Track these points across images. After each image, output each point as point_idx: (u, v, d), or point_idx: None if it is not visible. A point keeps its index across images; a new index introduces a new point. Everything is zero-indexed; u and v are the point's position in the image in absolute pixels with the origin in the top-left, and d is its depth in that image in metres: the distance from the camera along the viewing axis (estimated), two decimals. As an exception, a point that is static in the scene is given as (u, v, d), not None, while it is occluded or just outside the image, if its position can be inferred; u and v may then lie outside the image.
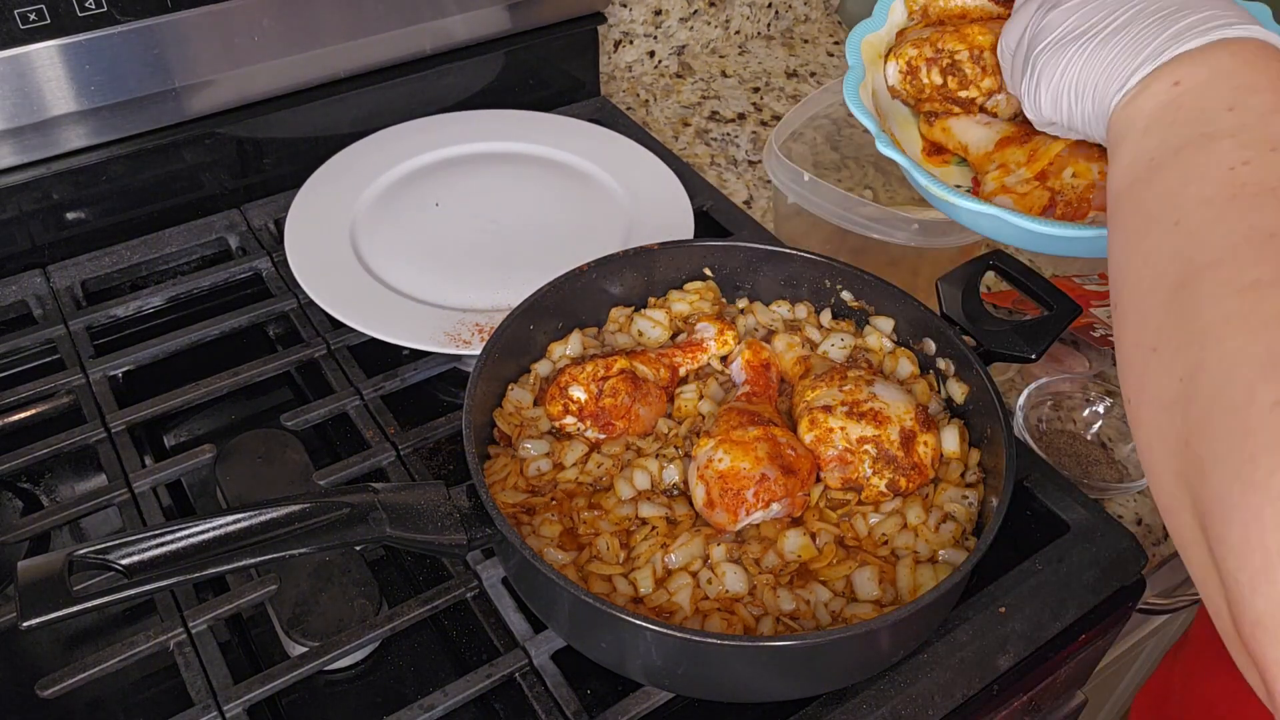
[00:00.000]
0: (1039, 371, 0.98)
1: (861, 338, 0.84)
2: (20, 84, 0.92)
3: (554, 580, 0.62)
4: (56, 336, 0.94)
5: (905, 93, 0.75)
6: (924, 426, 0.74)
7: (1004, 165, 0.73)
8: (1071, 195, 0.70)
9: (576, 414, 0.76)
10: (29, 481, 0.89)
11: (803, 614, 0.67)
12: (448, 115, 1.16)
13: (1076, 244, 0.65)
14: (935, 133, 0.77)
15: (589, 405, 0.76)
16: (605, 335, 0.86)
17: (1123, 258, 0.50)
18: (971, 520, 0.73)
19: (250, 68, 1.03)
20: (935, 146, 0.79)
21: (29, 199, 1.00)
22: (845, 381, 0.76)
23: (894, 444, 0.72)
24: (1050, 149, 0.71)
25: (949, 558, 0.70)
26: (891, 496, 0.73)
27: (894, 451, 0.72)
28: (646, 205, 1.06)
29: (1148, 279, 0.47)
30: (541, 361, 0.82)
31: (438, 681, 0.71)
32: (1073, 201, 0.70)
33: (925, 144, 0.79)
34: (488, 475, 0.75)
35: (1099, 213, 0.68)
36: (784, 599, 0.67)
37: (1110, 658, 1.16)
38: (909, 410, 0.74)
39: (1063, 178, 0.70)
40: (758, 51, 1.51)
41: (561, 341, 0.83)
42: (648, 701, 0.69)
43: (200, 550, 0.59)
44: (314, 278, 0.95)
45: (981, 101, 0.74)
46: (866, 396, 0.74)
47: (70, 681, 0.67)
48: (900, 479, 0.72)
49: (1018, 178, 0.72)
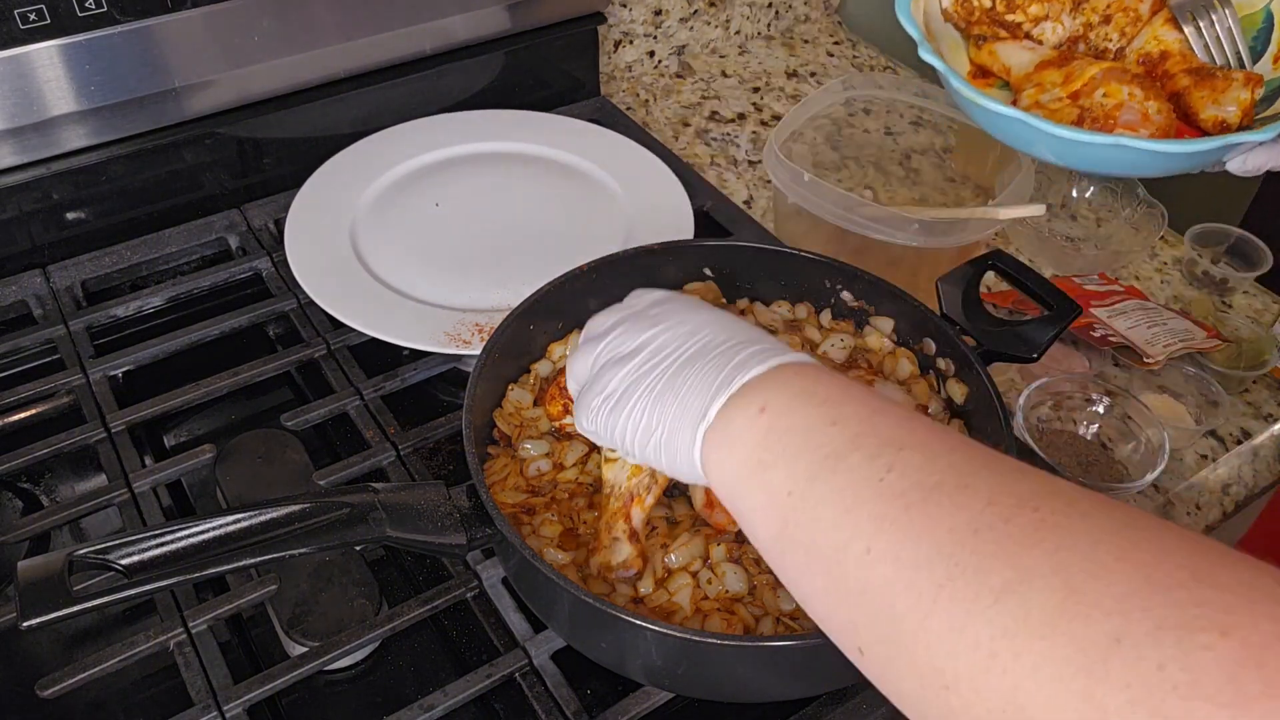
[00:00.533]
0: (1039, 371, 0.98)
1: (861, 338, 0.84)
2: (20, 84, 0.92)
3: (554, 580, 0.62)
4: (56, 336, 0.94)
5: (957, 15, 0.86)
6: None
7: (1040, 85, 0.81)
8: (1100, 112, 0.77)
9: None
10: (29, 481, 0.89)
11: (803, 614, 0.67)
12: (448, 115, 1.16)
13: (1098, 149, 0.72)
14: (983, 56, 0.87)
15: None
16: None
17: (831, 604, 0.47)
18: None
19: (250, 68, 1.03)
20: (981, 70, 0.87)
21: (29, 199, 1.00)
22: None
23: None
24: (1086, 72, 0.79)
25: (949, 558, 0.70)
26: None
27: None
28: (646, 205, 1.06)
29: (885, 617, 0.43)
30: (541, 362, 0.82)
31: (438, 681, 0.71)
32: (1099, 118, 0.77)
33: (972, 67, 0.87)
34: (488, 475, 0.75)
35: (1124, 129, 0.76)
36: (784, 599, 0.67)
37: (1110, 658, 1.16)
38: None
39: (1094, 97, 0.78)
40: (758, 51, 1.51)
41: (561, 341, 0.83)
42: (648, 701, 0.69)
43: (200, 550, 0.59)
44: (314, 278, 0.95)
45: (1028, 28, 0.83)
46: None
47: (70, 681, 0.67)
48: None
49: (1052, 95, 0.80)
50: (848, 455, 0.47)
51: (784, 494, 0.49)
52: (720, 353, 0.56)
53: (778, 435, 0.50)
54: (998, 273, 0.82)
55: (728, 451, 0.52)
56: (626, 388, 0.58)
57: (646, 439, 0.57)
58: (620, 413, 0.58)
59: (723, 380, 0.54)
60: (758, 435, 0.51)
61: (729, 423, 0.53)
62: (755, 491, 0.51)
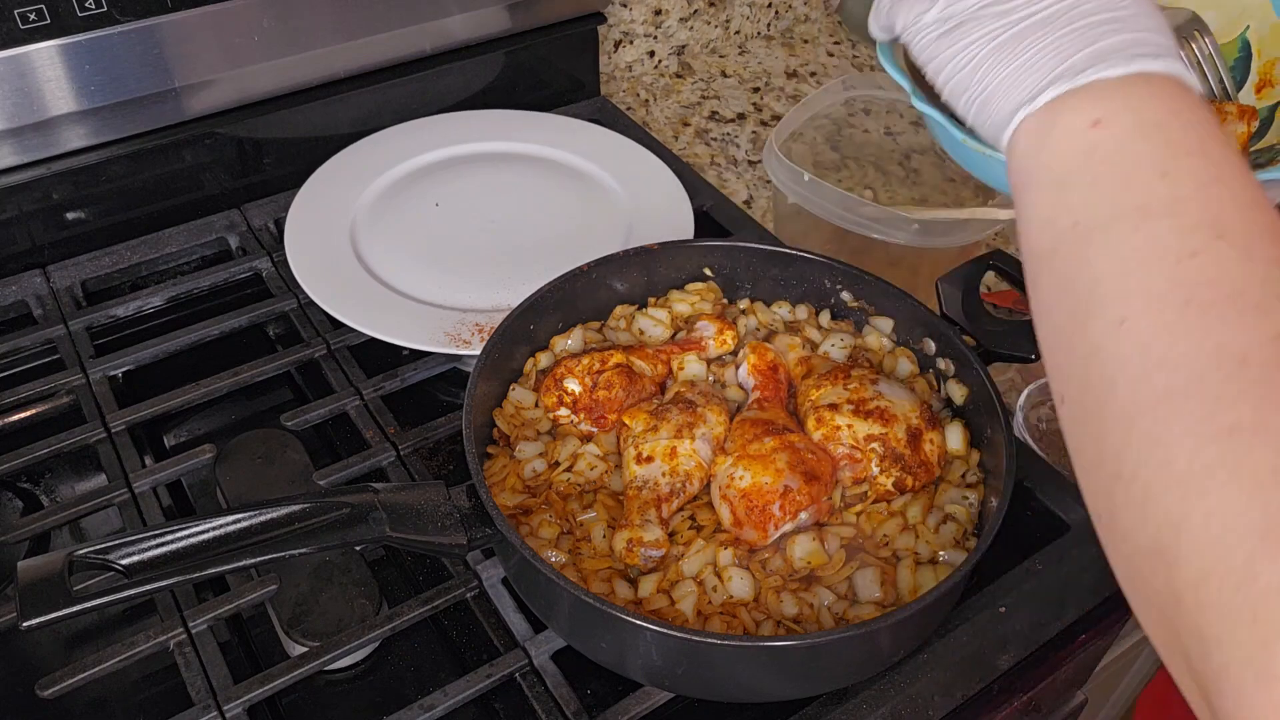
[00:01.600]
0: (1039, 371, 0.98)
1: (861, 338, 0.84)
2: (20, 84, 0.92)
3: (554, 580, 0.62)
4: (56, 336, 0.94)
5: None
6: (930, 424, 0.74)
7: None
8: None
9: (570, 406, 0.77)
10: (29, 481, 0.89)
11: (806, 617, 0.67)
12: (448, 115, 1.16)
13: None
14: None
15: (583, 398, 0.76)
16: (608, 331, 0.86)
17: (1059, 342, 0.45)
18: (972, 521, 0.73)
19: (250, 68, 1.03)
20: None
21: (29, 199, 1.00)
22: (850, 380, 0.76)
23: (901, 442, 0.72)
24: None
25: (949, 559, 0.70)
26: (899, 494, 0.73)
27: (901, 450, 0.72)
28: (646, 205, 1.06)
29: (1098, 386, 0.42)
30: (545, 353, 0.83)
31: (438, 681, 0.71)
32: None
33: None
34: (487, 476, 0.75)
35: None
36: (787, 604, 0.67)
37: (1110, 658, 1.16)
38: (914, 408, 0.74)
39: None
40: (758, 51, 1.51)
41: (564, 334, 0.83)
42: (648, 701, 0.69)
43: (200, 550, 0.59)
44: (314, 278, 0.95)
45: None
46: (872, 395, 0.74)
47: (70, 681, 0.67)
48: (907, 477, 0.72)
49: None
50: (1159, 218, 0.41)
51: (1070, 222, 0.44)
52: (1085, 26, 0.46)
53: (1098, 160, 0.44)
54: (998, 273, 0.82)
55: (1037, 148, 0.46)
56: (968, 19, 0.49)
57: (961, 91, 0.50)
58: (949, 44, 0.50)
59: (1070, 66, 0.45)
60: (1077, 149, 0.44)
61: (1053, 121, 0.46)
62: (1043, 203, 0.46)
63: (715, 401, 0.76)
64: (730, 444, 0.73)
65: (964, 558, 0.69)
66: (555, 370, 0.78)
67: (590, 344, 0.84)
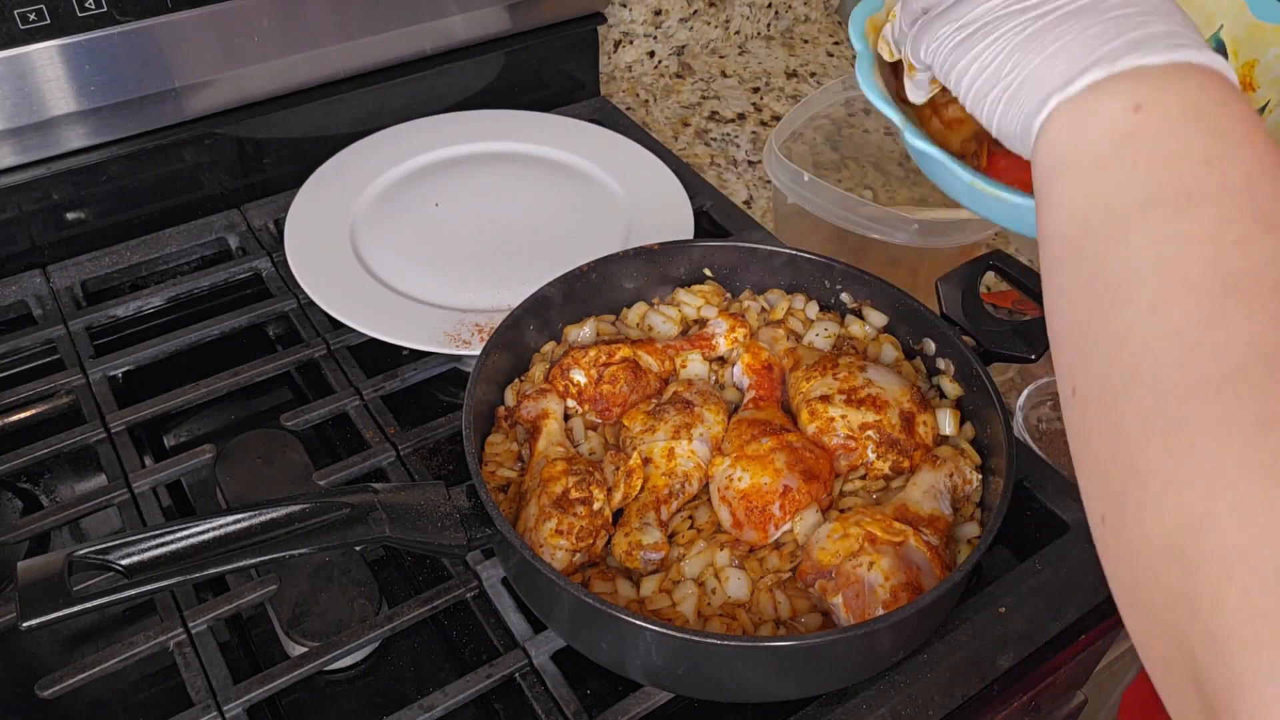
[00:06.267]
0: (1039, 371, 0.98)
1: (845, 327, 0.84)
2: (20, 84, 0.92)
3: (554, 580, 0.62)
4: (56, 336, 0.94)
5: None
6: (921, 406, 0.74)
7: None
8: None
9: (576, 397, 0.77)
10: (29, 481, 0.89)
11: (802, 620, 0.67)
12: (448, 115, 1.16)
13: None
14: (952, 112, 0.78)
15: (588, 389, 0.77)
16: (620, 325, 0.86)
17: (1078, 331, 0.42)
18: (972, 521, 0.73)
19: (250, 68, 1.03)
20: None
21: (29, 199, 1.00)
22: (838, 369, 0.76)
23: (895, 427, 0.73)
24: None
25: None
26: (895, 476, 0.73)
27: (896, 434, 0.72)
28: (646, 205, 1.06)
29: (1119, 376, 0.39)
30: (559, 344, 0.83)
31: (438, 681, 0.71)
32: None
33: None
34: (486, 451, 0.75)
35: None
36: (783, 605, 0.67)
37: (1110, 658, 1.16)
38: (905, 392, 0.75)
39: None
40: (758, 51, 1.51)
41: (576, 325, 0.83)
42: (648, 701, 0.69)
43: (200, 550, 0.59)
44: (314, 278, 0.95)
45: None
46: (862, 382, 0.74)
47: (70, 681, 0.67)
48: (904, 460, 0.73)
49: None
50: (1202, 204, 0.39)
51: (1103, 205, 0.42)
52: (1120, 17, 0.45)
53: (1138, 145, 0.42)
54: (998, 273, 0.82)
55: (1071, 135, 0.44)
56: (989, 21, 0.48)
57: (990, 86, 0.48)
58: (971, 48, 0.49)
59: (1109, 52, 0.43)
60: (1116, 134, 0.42)
61: (1090, 106, 0.44)
62: (1075, 187, 0.43)
63: (713, 401, 0.76)
64: (727, 445, 0.73)
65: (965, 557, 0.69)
66: (563, 360, 0.78)
67: (603, 335, 0.84)
